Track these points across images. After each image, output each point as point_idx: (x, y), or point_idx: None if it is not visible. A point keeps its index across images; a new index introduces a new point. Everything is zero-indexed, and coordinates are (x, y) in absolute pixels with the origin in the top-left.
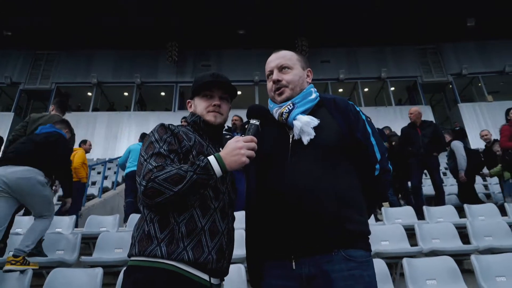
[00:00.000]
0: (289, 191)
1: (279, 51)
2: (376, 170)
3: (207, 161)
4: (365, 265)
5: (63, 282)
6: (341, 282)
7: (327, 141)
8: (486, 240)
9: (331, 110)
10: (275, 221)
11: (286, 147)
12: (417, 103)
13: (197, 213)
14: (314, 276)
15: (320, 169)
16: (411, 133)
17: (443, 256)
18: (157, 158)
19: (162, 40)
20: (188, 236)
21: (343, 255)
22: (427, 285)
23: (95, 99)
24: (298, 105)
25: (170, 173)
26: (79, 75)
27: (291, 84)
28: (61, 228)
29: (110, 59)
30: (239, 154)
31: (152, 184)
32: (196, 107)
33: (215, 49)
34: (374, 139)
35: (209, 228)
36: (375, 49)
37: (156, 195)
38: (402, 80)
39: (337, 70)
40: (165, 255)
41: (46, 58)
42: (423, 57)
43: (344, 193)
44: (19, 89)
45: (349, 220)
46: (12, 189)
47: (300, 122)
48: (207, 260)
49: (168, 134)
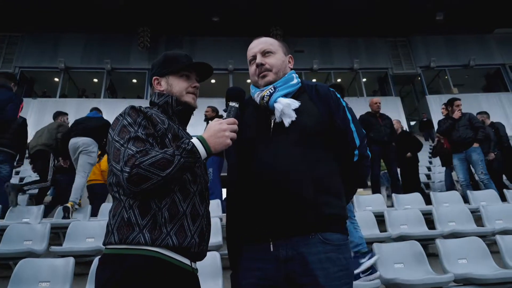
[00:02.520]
0: (269, 174)
1: (260, 38)
2: (355, 156)
3: (193, 144)
4: (342, 248)
5: (31, 273)
6: (318, 264)
7: (307, 125)
8: (450, 225)
9: (312, 96)
10: (254, 203)
11: (267, 131)
12: (388, 94)
13: (178, 197)
14: (291, 258)
15: (300, 152)
16: (371, 121)
17: (410, 241)
18: (136, 142)
19: (133, 24)
20: (171, 221)
21: (320, 238)
22: (395, 268)
23: (63, 85)
24: (279, 88)
25: (156, 157)
26: (45, 60)
27: (275, 68)
28: (28, 218)
29: (79, 43)
30: (224, 136)
31: (138, 170)
32: (171, 87)
33: (188, 35)
34: (354, 125)
35: (190, 212)
36: (348, 40)
37: (142, 182)
38: (374, 72)
39: (311, 60)
40: (149, 242)
41: (8, 41)
42: (394, 49)
43: (322, 177)
44: None
45: (326, 204)
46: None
47: (281, 104)
48: (191, 244)
49: (141, 117)
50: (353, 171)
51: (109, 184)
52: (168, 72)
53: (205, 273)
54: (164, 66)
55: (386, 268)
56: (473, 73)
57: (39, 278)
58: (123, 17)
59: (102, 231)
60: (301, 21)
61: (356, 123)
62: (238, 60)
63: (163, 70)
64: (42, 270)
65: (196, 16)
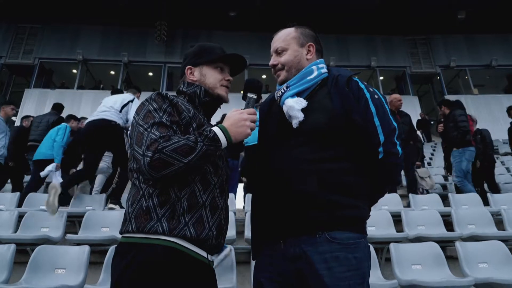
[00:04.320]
0: (277, 174)
1: (277, 33)
2: (379, 153)
3: (214, 132)
4: (352, 248)
5: (48, 259)
6: (322, 264)
7: (315, 124)
8: (469, 228)
9: (330, 89)
10: (266, 202)
11: (280, 130)
12: (405, 93)
13: (198, 188)
14: (299, 257)
15: (306, 152)
16: None
17: (429, 242)
18: (160, 127)
19: (151, 18)
20: (189, 212)
21: (326, 237)
22: (412, 270)
23: (81, 76)
24: (291, 87)
25: (179, 143)
26: (63, 51)
27: (286, 66)
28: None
29: (97, 36)
30: (244, 126)
31: (160, 155)
32: (204, 77)
33: (205, 29)
34: (378, 119)
35: (209, 203)
36: (366, 38)
37: (163, 167)
38: (391, 70)
39: (328, 57)
40: (167, 231)
41: (29, 32)
42: (413, 47)
43: (330, 176)
44: (0, 63)
45: (335, 202)
46: None
47: (286, 106)
48: (208, 236)
49: (166, 104)
50: (379, 170)
51: (129, 170)
52: (202, 62)
53: (219, 267)
54: (199, 56)
55: (403, 269)
56: (495, 74)
57: (55, 264)
58: (141, 11)
59: (117, 220)
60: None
61: (383, 116)
62: (255, 55)
63: (198, 60)
64: (58, 257)
65: (213, 10)
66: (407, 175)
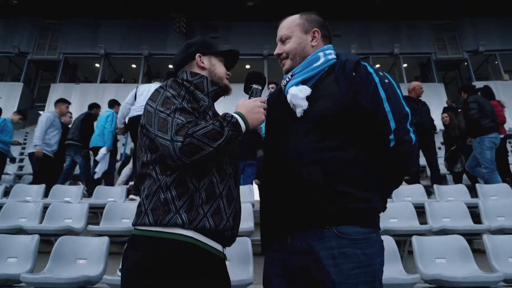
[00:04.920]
0: (282, 165)
1: (283, 20)
2: (390, 141)
3: (236, 118)
4: (362, 243)
5: (70, 250)
6: (330, 260)
7: (320, 112)
8: (498, 220)
9: (337, 75)
10: (272, 196)
11: (285, 120)
12: (430, 81)
13: (216, 178)
14: (306, 252)
15: (310, 142)
16: (412, 105)
17: (454, 235)
18: (183, 113)
19: (170, 10)
20: (208, 202)
21: (334, 232)
22: (436, 264)
23: (103, 70)
24: (296, 75)
25: (208, 128)
26: (86, 46)
27: (290, 54)
28: (69, 197)
29: (118, 30)
30: (260, 112)
31: (191, 139)
32: (214, 67)
33: (223, 21)
34: (389, 105)
35: (226, 194)
36: (388, 24)
37: (195, 152)
38: (415, 57)
39: (349, 44)
40: (186, 223)
41: (53, 28)
42: (439, 33)
43: (337, 166)
44: (27, 59)
45: (342, 194)
46: None
47: (289, 95)
48: (226, 226)
49: (184, 91)
50: (391, 159)
51: (142, 162)
52: (211, 53)
53: (236, 259)
54: (206, 47)
55: (427, 263)
56: None
57: (77, 255)
58: (160, 3)
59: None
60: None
61: (394, 101)
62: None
63: (206, 50)
64: (80, 247)
65: (231, 1)
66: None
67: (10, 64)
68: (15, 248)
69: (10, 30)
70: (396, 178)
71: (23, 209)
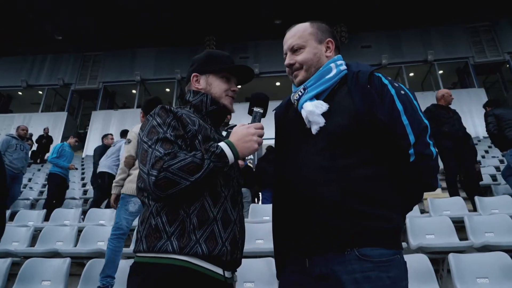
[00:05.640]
0: (297, 184)
1: (291, 28)
2: (410, 155)
3: (221, 148)
4: (386, 266)
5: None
6: (353, 285)
7: (337, 128)
8: None
9: (351, 87)
10: (287, 217)
11: (298, 136)
12: (469, 86)
13: (208, 202)
14: (325, 277)
15: (327, 159)
16: (442, 113)
17: (497, 252)
18: (164, 144)
19: (199, 34)
20: (200, 228)
21: (356, 255)
22: (477, 284)
23: (139, 95)
24: (309, 89)
25: (186, 161)
26: (123, 74)
27: (305, 65)
28: (104, 220)
29: (152, 57)
30: (252, 141)
31: (165, 173)
32: (210, 86)
33: (252, 40)
34: (407, 117)
35: (221, 217)
36: (420, 31)
37: (169, 186)
38: (451, 62)
39: (379, 55)
40: (177, 250)
41: (93, 59)
42: (475, 36)
43: (356, 185)
44: (70, 90)
45: (363, 214)
46: None
47: (305, 112)
48: (222, 252)
49: (170, 117)
50: (411, 174)
51: (138, 188)
52: (209, 71)
53: (261, 280)
54: (206, 64)
55: (467, 283)
56: None
57: None
58: (190, 29)
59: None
60: (367, 15)
61: (412, 114)
62: None
63: (205, 68)
64: None
65: (259, 20)
66: (467, 176)
67: (56, 95)
68: (49, 271)
69: (55, 64)
70: (416, 194)
71: (60, 233)
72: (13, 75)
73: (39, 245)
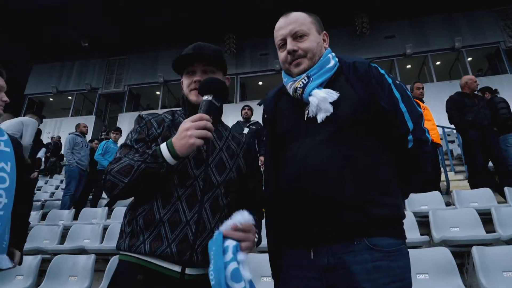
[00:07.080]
0: (304, 175)
1: (288, 14)
2: (409, 142)
3: (156, 148)
4: (395, 255)
5: None
6: (364, 275)
7: (343, 116)
8: None
9: (349, 77)
10: (290, 208)
11: (301, 126)
12: (501, 72)
13: (158, 204)
14: (334, 267)
15: (336, 148)
16: (466, 102)
17: None
18: (123, 149)
19: (219, 33)
20: (147, 229)
21: (366, 244)
22: (503, 278)
23: (163, 96)
24: (313, 77)
25: (123, 164)
26: (147, 76)
27: (310, 53)
28: None
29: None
30: (186, 137)
31: (108, 176)
32: (183, 85)
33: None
34: (404, 105)
35: (168, 219)
36: (445, 17)
37: (112, 188)
38: (480, 48)
39: (404, 44)
40: (127, 248)
41: (118, 63)
42: (506, 19)
43: (365, 172)
44: (97, 94)
45: (372, 203)
46: None
47: (317, 99)
48: (165, 253)
49: (142, 124)
50: (409, 160)
51: None
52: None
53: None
54: (174, 66)
55: (491, 277)
56: None
57: None
58: (210, 27)
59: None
60: (388, 3)
61: (408, 102)
62: None
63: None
64: None
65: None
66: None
67: (84, 100)
68: (76, 267)
69: (83, 70)
70: (413, 180)
71: (87, 231)
72: (44, 83)
73: (67, 242)
